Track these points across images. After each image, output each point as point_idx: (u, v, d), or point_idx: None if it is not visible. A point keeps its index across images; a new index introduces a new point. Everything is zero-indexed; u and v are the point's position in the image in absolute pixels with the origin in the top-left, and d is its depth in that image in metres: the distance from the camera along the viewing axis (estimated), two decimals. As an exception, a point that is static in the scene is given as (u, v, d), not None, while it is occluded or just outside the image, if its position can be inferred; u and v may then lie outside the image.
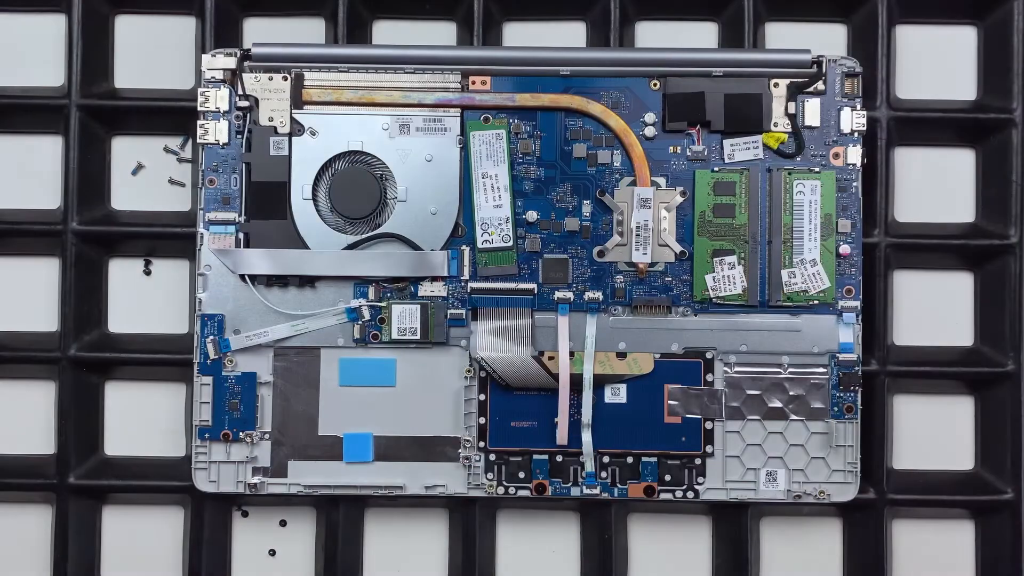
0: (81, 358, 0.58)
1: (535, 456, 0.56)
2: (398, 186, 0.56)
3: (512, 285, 0.56)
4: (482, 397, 0.56)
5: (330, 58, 0.56)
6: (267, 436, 0.56)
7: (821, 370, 0.56)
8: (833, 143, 0.56)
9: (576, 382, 0.55)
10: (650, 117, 0.56)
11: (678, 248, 0.56)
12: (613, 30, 0.58)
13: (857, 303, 0.56)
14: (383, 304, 0.56)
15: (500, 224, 0.56)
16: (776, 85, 0.56)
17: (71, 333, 0.58)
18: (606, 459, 0.56)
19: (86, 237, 0.58)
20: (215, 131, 0.56)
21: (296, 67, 0.55)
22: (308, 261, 0.55)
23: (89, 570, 0.58)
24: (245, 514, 0.59)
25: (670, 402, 0.56)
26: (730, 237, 0.56)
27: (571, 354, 0.56)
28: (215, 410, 0.55)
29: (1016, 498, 0.58)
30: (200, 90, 0.56)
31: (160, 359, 0.58)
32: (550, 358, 0.56)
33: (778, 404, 0.56)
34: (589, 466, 0.56)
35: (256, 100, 0.55)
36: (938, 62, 0.61)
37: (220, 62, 0.56)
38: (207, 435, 0.55)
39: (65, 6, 0.59)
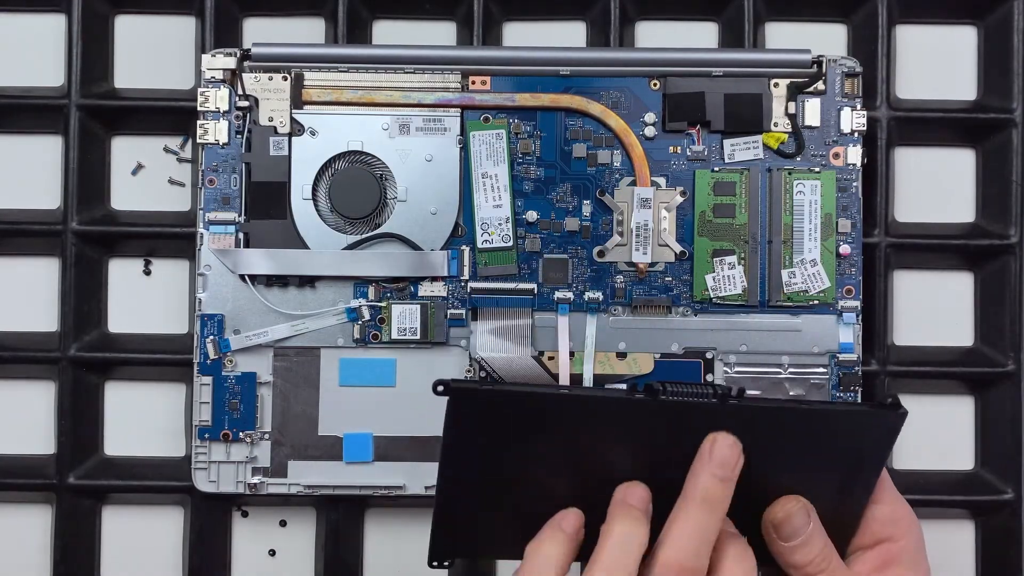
0: (81, 358, 0.58)
1: (535, 456, 0.56)
2: (398, 186, 0.56)
3: (512, 285, 0.56)
4: (482, 397, 0.56)
5: (330, 58, 0.56)
6: (267, 436, 0.56)
7: (821, 370, 0.56)
8: (833, 143, 0.56)
9: (576, 382, 0.55)
10: (650, 117, 0.56)
11: (678, 248, 0.56)
12: (613, 30, 0.58)
13: (857, 303, 0.56)
14: (383, 304, 0.56)
15: (500, 224, 0.56)
16: (776, 85, 0.56)
17: (71, 333, 0.58)
18: (606, 459, 0.56)
19: (86, 237, 0.58)
20: (215, 131, 0.56)
21: (296, 67, 0.55)
22: (308, 261, 0.55)
23: (89, 570, 0.58)
24: (245, 514, 0.59)
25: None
26: (730, 237, 0.56)
27: (571, 354, 0.56)
28: (215, 410, 0.55)
29: (1016, 498, 0.58)
30: (200, 90, 0.56)
31: (160, 359, 0.58)
32: (550, 358, 0.56)
33: (778, 404, 0.56)
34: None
35: (256, 100, 0.55)
36: (938, 62, 0.61)
37: (220, 62, 0.56)
38: (207, 435, 0.55)
39: (65, 6, 0.59)
